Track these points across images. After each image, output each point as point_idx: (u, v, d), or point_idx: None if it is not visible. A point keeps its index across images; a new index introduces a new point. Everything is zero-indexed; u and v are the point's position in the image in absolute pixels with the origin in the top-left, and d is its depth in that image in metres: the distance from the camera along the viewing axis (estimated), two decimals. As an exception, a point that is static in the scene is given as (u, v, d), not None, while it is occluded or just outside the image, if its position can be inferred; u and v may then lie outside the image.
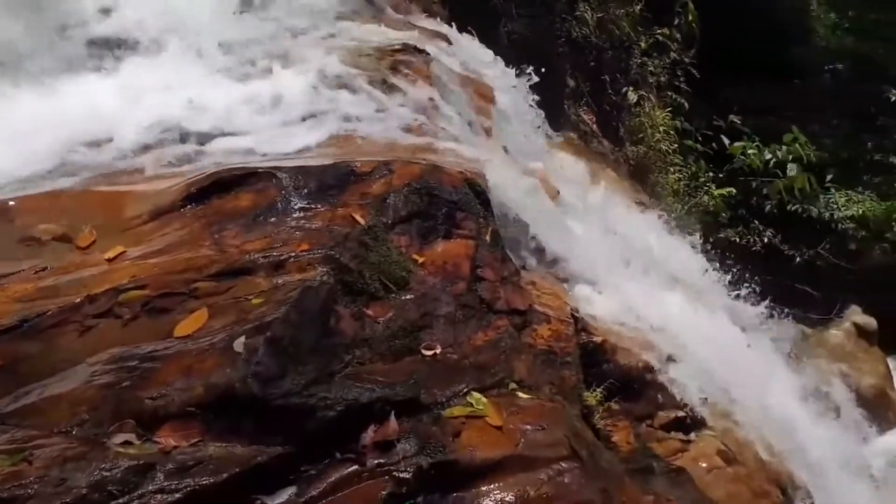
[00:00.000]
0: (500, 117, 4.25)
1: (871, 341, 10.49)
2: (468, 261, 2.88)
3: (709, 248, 9.53)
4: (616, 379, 3.43)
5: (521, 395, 2.50)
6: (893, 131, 12.71)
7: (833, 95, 12.14)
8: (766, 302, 10.01)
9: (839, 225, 10.75)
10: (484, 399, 2.35)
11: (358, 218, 2.59)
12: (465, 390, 2.36)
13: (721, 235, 10.33)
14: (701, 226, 9.60)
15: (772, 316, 10.05)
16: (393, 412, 2.16)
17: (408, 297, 2.57)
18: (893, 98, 10.74)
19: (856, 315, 10.60)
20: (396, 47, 3.96)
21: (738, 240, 10.43)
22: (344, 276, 2.37)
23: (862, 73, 11.76)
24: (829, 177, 10.95)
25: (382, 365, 2.33)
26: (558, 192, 4.19)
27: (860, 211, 10.63)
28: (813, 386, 9.06)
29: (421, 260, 2.74)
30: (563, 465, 2.22)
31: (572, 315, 3.38)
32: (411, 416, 2.21)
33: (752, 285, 8.56)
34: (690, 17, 8.24)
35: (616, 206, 5.77)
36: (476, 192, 3.13)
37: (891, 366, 10.84)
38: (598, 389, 3.07)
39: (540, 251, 3.72)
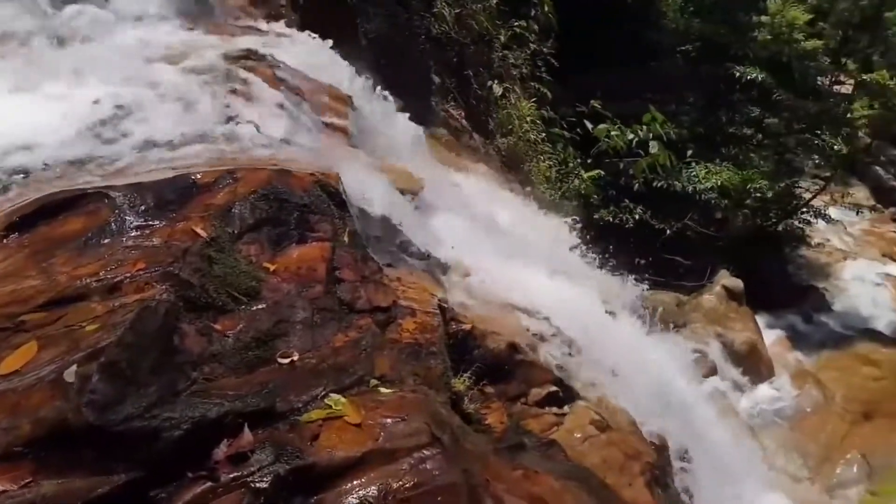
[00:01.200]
0: (357, 117, 4.26)
1: (741, 301, 11.29)
2: (324, 263, 2.87)
3: (584, 229, 9.97)
4: (486, 363, 3.52)
5: (382, 390, 2.52)
6: (743, 105, 13.72)
7: (686, 75, 12.94)
8: (643, 275, 10.58)
9: (702, 196, 11.49)
10: (343, 399, 2.36)
11: (199, 231, 2.53)
12: (322, 393, 2.36)
13: (596, 216, 10.82)
14: (576, 209, 10.02)
15: (649, 287, 10.63)
16: (246, 424, 2.13)
17: (260, 306, 2.54)
18: (738, 74, 11.54)
19: (725, 279, 11.39)
20: (239, 54, 3.89)
21: (611, 219, 10.95)
22: (186, 292, 2.31)
23: (710, 52, 12.57)
24: (689, 152, 11.66)
25: (236, 378, 2.30)
26: (422, 188, 4.25)
27: (719, 181, 11.39)
28: (691, 348, 9.67)
29: (273, 267, 2.71)
30: (425, 452, 2.26)
31: (439, 306, 3.43)
32: (267, 425, 2.19)
33: (628, 260, 9.03)
34: (546, 9, 8.53)
35: (487, 196, 5.89)
36: (329, 193, 3.13)
37: (759, 323, 11.72)
38: (465, 375, 3.14)
39: (406, 246, 3.76)
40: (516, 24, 8.00)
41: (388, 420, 2.33)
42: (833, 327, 13.33)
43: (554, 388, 3.88)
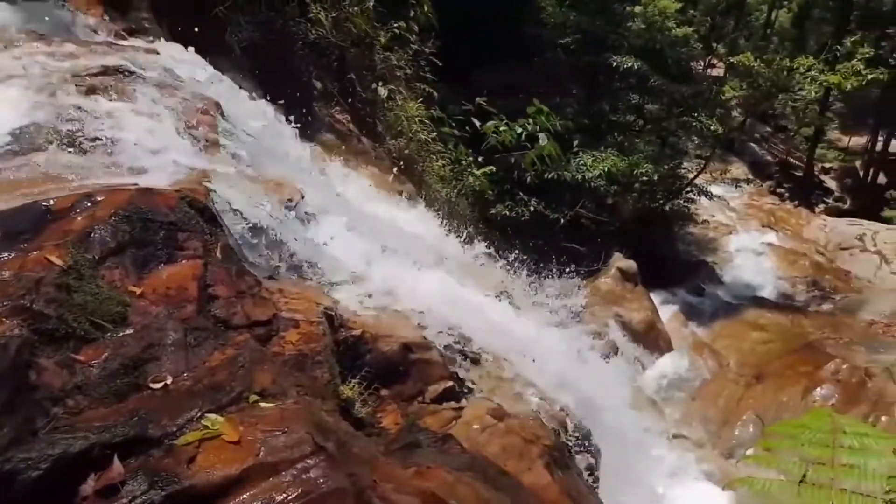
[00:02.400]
0: (230, 129, 4.17)
1: (635, 281, 11.77)
2: (196, 282, 2.80)
3: (482, 224, 10.14)
4: (380, 365, 3.54)
5: (263, 404, 2.49)
6: (624, 93, 14.31)
7: (568, 68, 13.37)
8: (542, 264, 10.85)
9: (592, 184, 11.90)
10: (220, 418, 2.31)
11: (54, 259, 2.41)
12: (199, 414, 2.30)
13: (492, 211, 11.03)
14: (473, 205, 10.18)
15: (547, 276, 10.92)
16: (116, 455, 2.05)
17: (127, 332, 2.45)
18: (616, 64, 12.01)
19: (619, 261, 11.85)
20: (96, 70, 3.73)
21: (508, 213, 11.20)
22: (41, 324, 2.21)
23: (588, 44, 13.03)
24: (575, 142, 12.05)
25: (104, 408, 2.22)
26: (302, 197, 4.20)
27: (607, 168, 11.82)
28: (591, 331, 10.00)
29: (140, 290, 2.62)
30: (309, 461, 2.24)
31: (325, 314, 3.41)
32: (140, 453, 2.12)
33: (526, 251, 9.23)
34: (426, 9, 8.59)
35: (378, 199, 5.89)
36: (198, 209, 3.06)
37: (655, 300, 12.27)
38: (353, 381, 3.14)
39: (288, 257, 3.72)
40: (396, 25, 8.02)
41: (269, 434, 2.30)
42: (723, 298, 14.16)
43: (450, 384, 3.93)
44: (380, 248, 4.77)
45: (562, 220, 11.68)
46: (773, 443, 2.27)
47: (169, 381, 2.41)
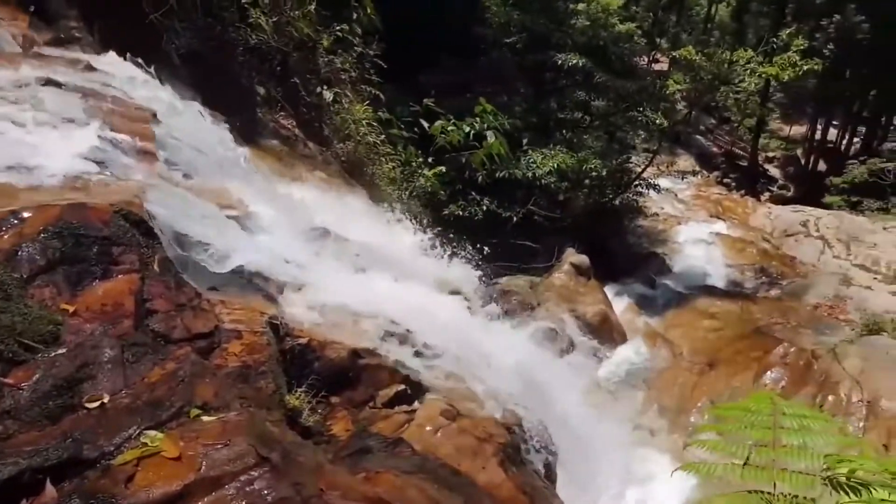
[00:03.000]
0: (168, 138, 4.09)
1: (588, 276, 11.91)
2: (133, 296, 2.75)
3: (435, 225, 10.14)
4: (329, 373, 3.52)
5: (204, 418, 2.45)
6: (570, 90, 14.46)
7: (515, 67, 13.46)
8: (497, 263, 10.92)
9: (542, 181, 11.99)
10: (160, 435, 2.27)
11: (-22, 281, 2.34)
12: (137, 432, 2.26)
13: (445, 212, 11.04)
14: (425, 206, 10.17)
15: (502, 274, 10.99)
16: (48, 479, 2.00)
17: (60, 352, 2.39)
18: (561, 62, 12.13)
19: (572, 256, 11.97)
20: (26, 82, 3.62)
21: (461, 212, 11.22)
22: (-35, 349, 2.14)
23: (534, 43, 13.12)
24: (525, 140, 12.13)
25: (36, 432, 2.16)
26: (246, 206, 4.14)
27: (556, 165, 11.92)
28: (547, 327, 10.10)
29: (73, 308, 2.56)
30: (252, 473, 2.22)
31: (270, 324, 3.38)
32: (74, 476, 2.07)
33: (480, 251, 9.27)
34: (369, 11, 8.55)
35: (325, 205, 5.84)
36: (134, 222, 2.99)
37: (608, 293, 12.44)
38: (299, 390, 3.11)
39: (231, 267, 3.66)
40: (338, 28, 7.96)
41: (211, 448, 2.26)
42: (674, 288, 14.41)
43: (402, 387, 3.92)
44: (328, 253, 4.74)
45: (514, 218, 11.76)
46: (716, 427, 2.32)
47: (106, 400, 2.35)
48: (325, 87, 7.86)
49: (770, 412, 2.04)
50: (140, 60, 4.96)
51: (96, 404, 2.33)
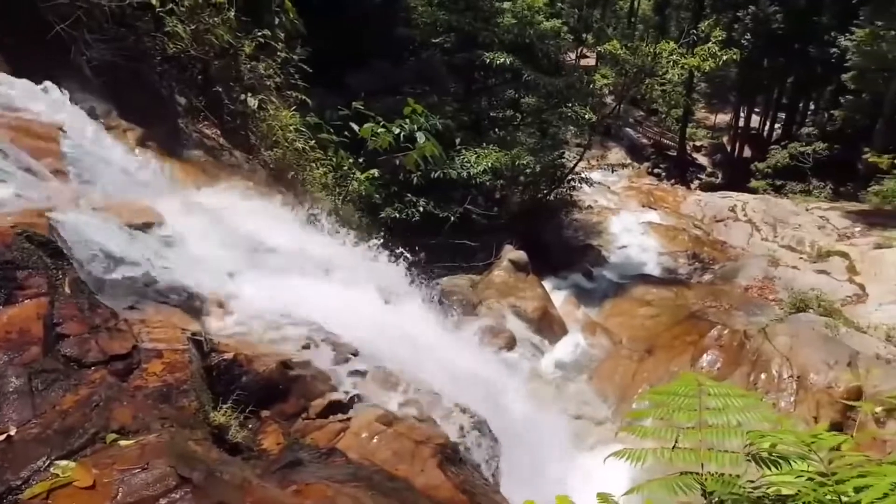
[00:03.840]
0: (79, 155, 3.94)
1: (527, 271, 12.05)
2: (40, 321, 2.64)
3: (371, 228, 10.07)
4: (256, 387, 3.45)
5: (122, 443, 2.37)
6: (501, 89, 14.60)
7: (444, 66, 13.49)
8: (437, 263, 10.92)
9: (477, 180, 12.05)
10: (72, 464, 2.19)
11: None
12: (47, 463, 2.17)
13: (382, 215, 10.99)
14: (361, 210, 10.09)
15: (441, 275, 11.01)
16: (-52, 520, 1.90)
17: (-39, 385, 2.27)
18: (489, 60, 12.22)
19: (510, 253, 12.09)
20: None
21: (397, 215, 11.18)
22: None
23: (462, 42, 13.19)
24: (458, 140, 12.17)
25: (-64, 472, 2.05)
26: (163, 221, 4.03)
27: (490, 164, 11.99)
28: (488, 325, 10.17)
29: (-27, 338, 2.43)
30: (173, 495, 2.16)
31: (193, 340, 3.29)
32: (-21, 515, 1.97)
33: (419, 252, 9.25)
34: (291, 15, 8.42)
35: (252, 214, 5.72)
36: (40, 243, 2.87)
37: (547, 287, 12.61)
38: (225, 407, 3.04)
39: (150, 284, 3.55)
40: (260, 33, 7.81)
41: (127, 473, 2.19)
42: (611, 278, 14.72)
43: (335, 396, 3.88)
44: (255, 263, 4.66)
45: (452, 218, 11.79)
46: (643, 412, 2.35)
47: (12, 432, 2.25)
48: (249, 95, 7.70)
49: (696, 394, 2.08)
50: (47, 75, 4.75)
51: (2, 437, 2.23)
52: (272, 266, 4.74)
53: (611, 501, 1.95)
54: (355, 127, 8.34)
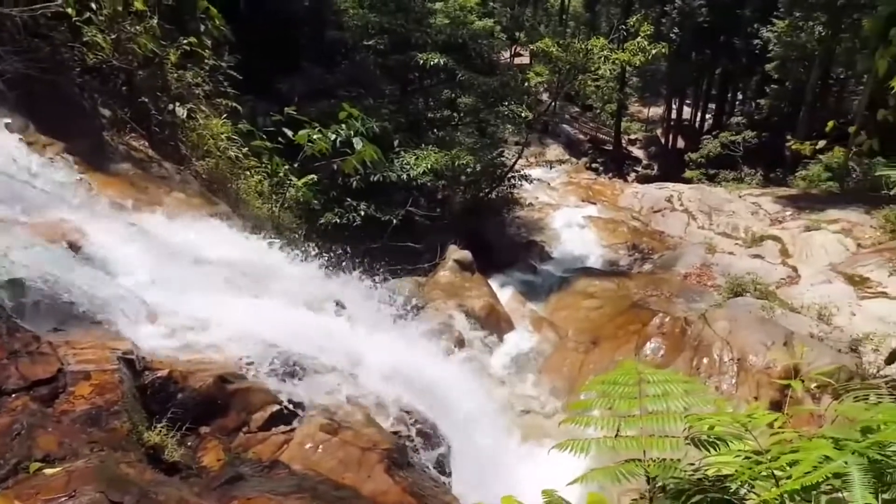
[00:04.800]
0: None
1: (472, 270, 12.09)
2: (-47, 350, 2.50)
3: (311, 235, 9.94)
4: (193, 403, 3.35)
5: (47, 471, 2.27)
6: (437, 90, 14.61)
7: (379, 68, 13.41)
8: (381, 267, 10.83)
9: (418, 181, 12.01)
10: (-9, 498, 2.08)
11: None
12: (-37, 499, 2.06)
13: (322, 221, 10.85)
14: (300, 217, 9.95)
15: (386, 279, 10.93)
16: None
17: None
18: (422, 61, 12.20)
19: (454, 253, 12.11)
20: None
21: (338, 220, 11.06)
22: None
23: (395, 44, 13.12)
24: (396, 142, 12.11)
25: None
26: (86, 238, 3.88)
27: (430, 165, 11.96)
28: (436, 326, 10.15)
29: None
30: (103, 524, 2.08)
31: (124, 360, 3.17)
32: None
33: (362, 257, 9.14)
34: (217, 22, 8.21)
35: (183, 226, 5.56)
36: (-51, 268, 2.72)
37: (493, 284, 12.68)
38: (159, 425, 2.94)
39: (76, 305, 3.41)
40: (186, 41, 7.61)
41: (53, 502, 2.09)
42: (555, 273, 14.91)
43: (277, 408, 3.80)
44: (187, 276, 4.53)
45: (394, 221, 11.72)
46: (583, 403, 2.36)
47: (-75, 469, 2.13)
48: (177, 104, 7.49)
49: (636, 382, 2.10)
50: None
51: (-87, 475, 2.10)
52: (206, 279, 4.62)
53: (555, 497, 1.95)
54: (289, 133, 8.21)
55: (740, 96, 34.02)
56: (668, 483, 1.84)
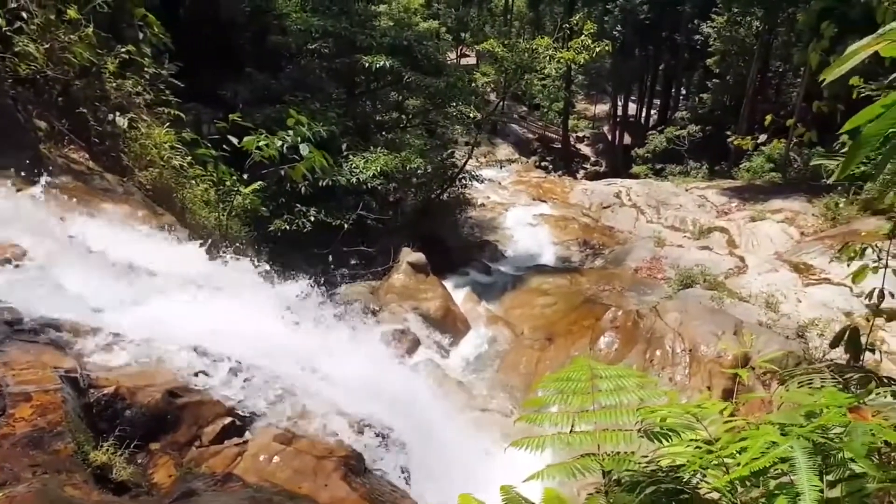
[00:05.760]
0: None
1: (426, 272, 12.11)
2: None
3: (263, 243, 9.80)
4: (141, 420, 3.28)
5: (-14, 499, 2.19)
6: (384, 92, 14.57)
7: (324, 72, 13.30)
8: (334, 273, 10.76)
9: (368, 185, 11.95)
10: (-73, 529, 2.00)
11: None
12: None
13: (271, 228, 10.71)
14: (248, 225, 9.80)
15: (339, 284, 10.87)
16: None
17: None
18: (368, 64, 12.15)
19: (408, 255, 12.11)
20: None
21: (287, 227, 10.93)
22: None
23: (340, 47, 13.03)
24: (344, 146, 12.03)
25: None
26: (24, 253, 3.76)
27: (379, 168, 11.90)
28: (391, 330, 10.13)
29: None
30: (48, 551, 2.02)
31: (67, 378, 3.09)
32: None
33: (314, 263, 9.08)
34: (156, 29, 8.04)
35: (126, 239, 5.43)
36: None
37: (447, 286, 12.71)
38: (106, 444, 2.87)
39: (14, 323, 3.30)
40: (123, 49, 7.43)
41: (-7, 531, 2.03)
42: (508, 271, 15.04)
43: (229, 420, 3.75)
44: (132, 289, 4.43)
45: (346, 226, 11.64)
46: (537, 401, 2.38)
47: None
48: (117, 114, 7.29)
49: (588, 377, 2.13)
50: None
51: None
52: (151, 292, 4.52)
53: (513, 493, 1.96)
54: (234, 140, 8.07)
55: (684, 91, 34.86)
56: (623, 476, 1.87)
